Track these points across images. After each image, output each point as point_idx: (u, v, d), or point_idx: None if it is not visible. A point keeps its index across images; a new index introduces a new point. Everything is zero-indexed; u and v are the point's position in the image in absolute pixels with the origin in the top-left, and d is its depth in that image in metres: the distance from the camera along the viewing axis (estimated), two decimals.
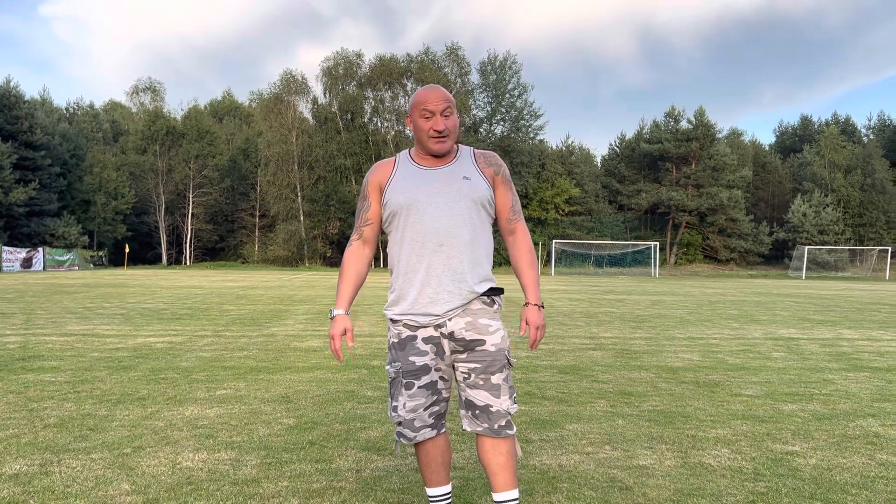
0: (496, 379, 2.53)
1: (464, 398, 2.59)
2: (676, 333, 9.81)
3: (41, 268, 40.18)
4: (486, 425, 2.54)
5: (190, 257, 55.51)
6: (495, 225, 2.70)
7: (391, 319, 2.63)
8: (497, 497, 2.59)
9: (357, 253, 2.69)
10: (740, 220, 53.47)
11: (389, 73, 51.74)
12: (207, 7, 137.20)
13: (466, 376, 2.55)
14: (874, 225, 52.53)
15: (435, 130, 2.50)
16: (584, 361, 7.03)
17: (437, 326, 2.54)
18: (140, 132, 56.93)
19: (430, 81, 51.11)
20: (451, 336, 2.53)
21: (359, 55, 53.31)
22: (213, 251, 58.09)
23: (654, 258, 47.19)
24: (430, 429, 2.58)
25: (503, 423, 2.54)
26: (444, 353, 2.56)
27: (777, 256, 54.05)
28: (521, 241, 2.66)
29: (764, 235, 53.74)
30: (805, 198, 53.16)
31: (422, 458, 2.66)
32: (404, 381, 2.55)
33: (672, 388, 5.68)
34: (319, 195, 51.44)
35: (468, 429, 2.58)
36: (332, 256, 53.53)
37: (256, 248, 54.36)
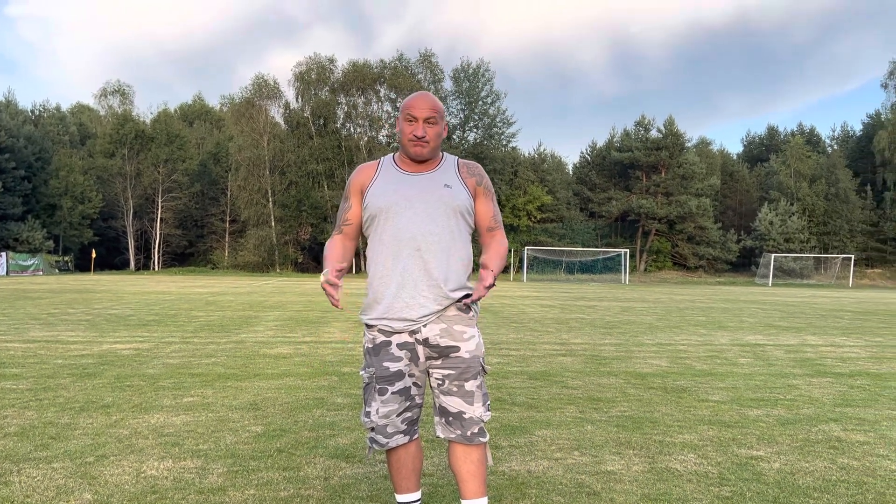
0: (470, 386, 2.53)
1: (437, 404, 2.59)
2: (645, 339, 9.91)
3: (4, 273, 39.31)
4: (458, 432, 2.55)
5: (158, 263, 54.73)
6: (475, 236, 2.71)
7: (366, 324, 2.62)
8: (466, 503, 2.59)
9: (339, 243, 2.67)
10: (709, 228, 54.21)
11: (363, 78, 51.61)
12: (179, 10, 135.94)
13: (440, 382, 2.55)
14: (838, 233, 53.60)
15: (414, 135, 2.51)
16: (555, 367, 7.07)
17: (412, 332, 2.53)
18: (108, 135, 56.00)
19: (403, 88, 51.15)
20: (425, 342, 2.53)
21: (332, 60, 53.14)
22: (182, 256, 57.35)
23: (625, 265, 47.65)
24: (402, 435, 2.57)
25: (476, 431, 2.54)
26: (419, 358, 2.55)
27: (744, 264, 54.86)
28: (498, 241, 2.65)
29: (732, 243, 54.52)
30: (771, 206, 54.06)
31: (392, 464, 2.65)
32: (378, 387, 2.55)
33: (640, 394, 5.73)
34: (291, 200, 51.08)
35: (441, 435, 2.59)
36: (304, 262, 53.15)
37: (226, 254, 53.78)
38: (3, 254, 40.36)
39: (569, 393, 5.72)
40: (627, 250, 49.37)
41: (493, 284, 2.50)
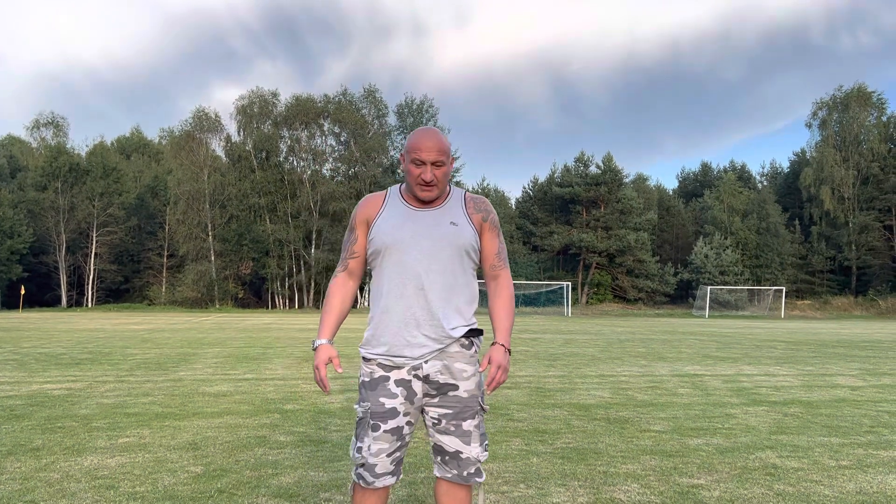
0: (467, 426, 2.50)
1: (433, 443, 2.55)
2: (588, 371, 10.04)
3: None
4: (454, 472, 2.51)
5: (92, 299, 52.89)
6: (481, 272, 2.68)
7: (364, 357, 2.57)
8: None
9: (342, 284, 2.65)
10: (647, 262, 55.51)
11: (306, 112, 51.53)
12: (116, 39, 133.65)
13: (437, 422, 2.51)
14: (769, 266, 55.57)
15: (423, 180, 2.47)
16: (500, 400, 7.08)
17: (413, 369, 2.49)
18: (41, 168, 54.25)
19: (348, 122, 51.30)
20: (425, 378, 2.49)
21: (274, 94, 52.98)
22: (118, 292, 55.56)
23: (567, 298, 48.30)
24: (390, 476, 2.50)
25: (472, 471, 2.52)
26: (415, 395, 2.50)
27: (682, 296, 56.26)
28: (503, 287, 2.64)
29: (669, 276, 55.90)
30: (706, 240, 55.78)
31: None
32: (372, 423, 2.48)
33: (584, 425, 5.79)
34: (232, 234, 50.24)
35: (438, 474, 2.54)
36: (245, 298, 52.14)
37: (164, 289, 52.32)
38: None
39: (514, 425, 5.74)
40: (570, 283, 50.10)
41: (509, 351, 2.54)
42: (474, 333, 2.58)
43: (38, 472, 4.15)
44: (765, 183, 68.57)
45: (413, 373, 2.49)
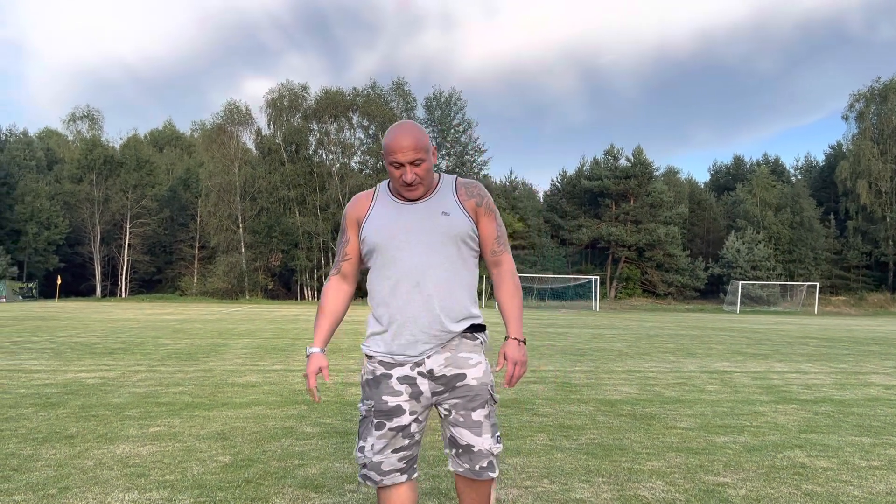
0: (477, 416, 2.42)
1: (447, 435, 2.49)
2: (615, 366, 9.98)
3: None
4: (466, 465, 2.43)
5: (125, 289, 53.86)
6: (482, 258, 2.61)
7: (366, 355, 2.53)
8: None
9: (335, 289, 2.61)
10: (677, 256, 54.92)
11: (335, 105, 51.79)
12: (151, 35, 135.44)
13: (448, 413, 2.45)
14: (803, 261, 54.64)
15: (404, 181, 2.41)
16: (525, 395, 7.08)
17: (416, 365, 2.44)
18: (76, 161, 55.34)
19: (376, 115, 51.43)
20: (430, 374, 2.43)
21: (304, 87, 53.30)
22: (150, 283, 56.50)
23: (595, 292, 47.99)
24: (399, 473, 2.43)
25: (485, 465, 2.42)
26: (421, 393, 2.44)
27: (713, 291, 55.58)
28: (505, 273, 2.57)
29: (700, 270, 55.26)
30: (738, 234, 55.02)
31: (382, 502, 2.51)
32: (375, 421, 2.43)
33: (610, 421, 5.77)
34: (262, 227, 50.77)
35: (451, 468, 2.48)
36: (274, 289, 52.68)
37: (195, 281, 53.08)
38: None
39: (539, 421, 5.74)
40: (598, 277, 49.77)
41: (524, 342, 2.49)
42: (477, 329, 2.52)
43: (72, 459, 4.26)
44: (799, 176, 67.39)
45: (416, 369, 2.44)
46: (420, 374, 2.44)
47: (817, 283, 49.78)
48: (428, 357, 2.44)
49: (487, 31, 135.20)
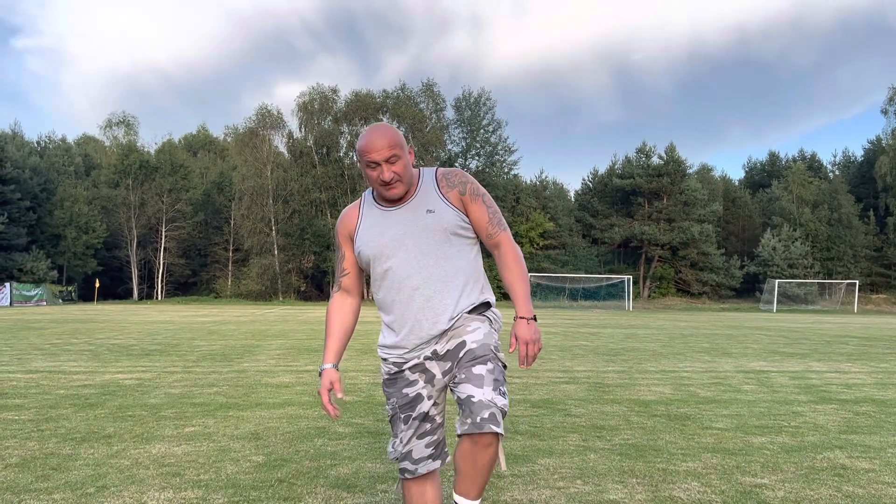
0: (478, 369, 2.34)
1: (454, 399, 2.46)
2: (649, 367, 9.87)
3: (8, 303, 39.38)
4: (468, 420, 2.27)
5: (161, 292, 54.79)
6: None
7: (382, 357, 2.57)
8: (456, 498, 2.40)
9: (339, 304, 2.64)
10: (712, 254, 54.20)
11: (365, 108, 52.14)
12: (185, 41, 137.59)
13: (454, 376, 2.42)
14: (842, 259, 53.53)
15: (382, 180, 2.40)
16: (558, 395, 7.03)
17: (425, 357, 2.47)
18: (113, 166, 56.54)
19: (406, 117, 51.61)
20: (435, 355, 2.45)
21: (334, 90, 53.76)
22: (186, 286, 57.42)
23: (628, 292, 47.56)
24: (431, 460, 2.46)
25: (486, 416, 2.25)
26: (434, 376, 2.46)
27: (748, 290, 54.74)
28: (507, 253, 2.53)
29: (735, 269, 54.46)
30: (774, 232, 54.11)
31: (408, 501, 2.54)
32: (402, 416, 2.47)
33: (644, 422, 5.70)
34: (294, 229, 51.30)
35: (458, 431, 2.36)
36: (307, 290, 53.17)
37: (229, 283, 53.84)
38: (7, 284, 40.46)
39: (572, 421, 5.69)
40: (631, 277, 49.33)
41: (534, 318, 2.44)
42: (482, 307, 2.51)
43: (109, 458, 4.33)
44: (836, 172, 65.99)
45: (425, 356, 2.47)
46: (427, 358, 2.46)
47: (857, 281, 48.74)
48: (437, 343, 2.46)
49: (517, 30, 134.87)
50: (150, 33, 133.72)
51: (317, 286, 54.79)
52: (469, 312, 2.48)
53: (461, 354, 2.40)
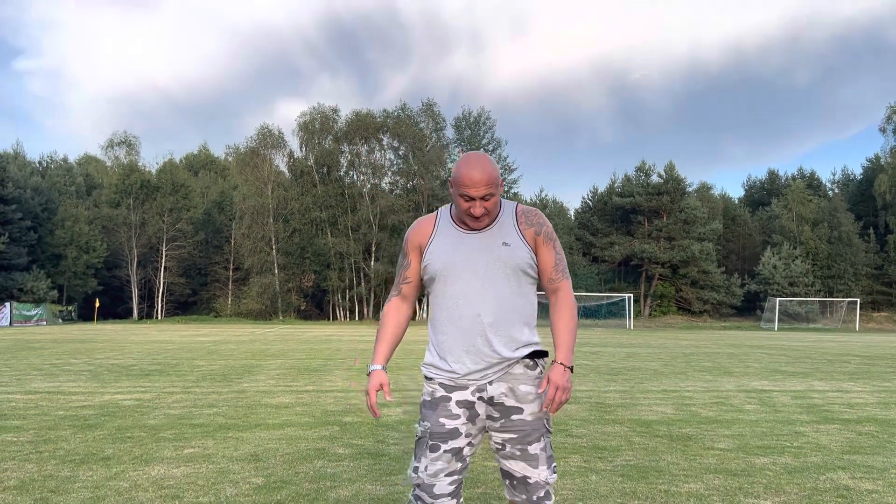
0: (533, 449, 2.44)
1: (501, 468, 2.51)
2: (651, 386, 9.83)
3: (7, 323, 39.29)
4: (523, 496, 2.45)
5: (161, 311, 54.68)
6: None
7: (426, 377, 2.55)
8: None
9: (396, 308, 2.65)
10: (712, 273, 54.13)
11: (366, 128, 52.37)
12: (187, 60, 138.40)
13: (501, 447, 2.47)
14: (842, 277, 53.44)
15: (472, 214, 2.43)
16: (559, 416, 7.00)
17: (478, 390, 2.47)
18: (114, 186, 56.64)
19: (406, 136, 51.85)
20: (489, 400, 2.46)
21: (335, 110, 54.00)
22: (186, 305, 57.31)
23: (629, 310, 47.46)
24: (449, 497, 2.44)
25: (542, 495, 2.45)
26: (478, 416, 2.47)
27: (749, 308, 54.60)
28: (563, 302, 2.57)
29: (736, 287, 54.36)
30: (774, 250, 54.08)
31: None
32: (430, 443, 2.45)
33: (646, 442, 5.67)
34: (294, 248, 51.33)
35: (507, 497, 2.52)
36: (307, 309, 53.07)
37: (230, 302, 53.73)
38: (7, 304, 40.40)
39: (573, 442, 5.66)
40: (631, 295, 49.23)
41: (571, 369, 2.45)
42: (539, 355, 2.52)
43: (108, 480, 4.30)
44: (836, 190, 66.06)
45: (478, 394, 2.46)
46: (480, 398, 2.47)
47: (858, 299, 48.63)
48: (490, 383, 2.46)
49: (516, 49, 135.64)
50: (152, 53, 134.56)
51: (317, 305, 54.68)
52: (526, 357, 2.50)
53: (514, 419, 2.45)
